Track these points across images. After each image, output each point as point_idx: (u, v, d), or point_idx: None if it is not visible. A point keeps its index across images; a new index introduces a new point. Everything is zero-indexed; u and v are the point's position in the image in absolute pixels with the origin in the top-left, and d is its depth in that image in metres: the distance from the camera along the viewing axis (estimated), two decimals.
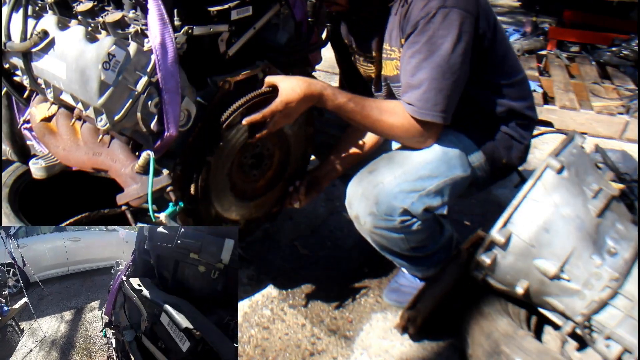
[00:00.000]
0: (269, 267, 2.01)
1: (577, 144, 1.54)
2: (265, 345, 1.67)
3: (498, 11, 6.11)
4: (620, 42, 4.04)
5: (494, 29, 1.52)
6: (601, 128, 3.19)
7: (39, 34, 1.27)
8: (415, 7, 1.42)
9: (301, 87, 1.39)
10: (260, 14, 1.46)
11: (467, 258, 1.54)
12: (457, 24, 1.38)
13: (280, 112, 1.40)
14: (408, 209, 1.47)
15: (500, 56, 1.57)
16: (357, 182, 1.54)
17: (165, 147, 1.34)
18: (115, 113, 1.22)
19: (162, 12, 1.20)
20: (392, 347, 1.67)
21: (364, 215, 1.52)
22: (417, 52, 1.42)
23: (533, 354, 1.36)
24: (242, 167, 1.60)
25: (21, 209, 1.87)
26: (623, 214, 1.50)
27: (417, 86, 1.43)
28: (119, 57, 1.17)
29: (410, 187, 1.47)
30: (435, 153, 1.51)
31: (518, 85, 1.63)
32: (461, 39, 1.39)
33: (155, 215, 1.29)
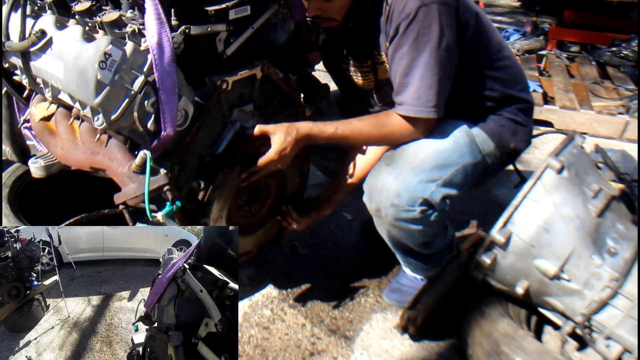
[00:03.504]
0: (269, 267, 2.01)
1: (577, 144, 1.54)
2: (265, 345, 1.66)
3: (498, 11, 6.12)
4: (620, 42, 4.04)
5: (476, 17, 1.53)
6: (601, 128, 3.18)
7: (37, 34, 1.27)
8: (396, 10, 1.44)
9: (291, 135, 1.47)
10: (259, 14, 1.46)
11: (467, 258, 1.54)
12: (438, 19, 1.41)
13: (275, 161, 1.48)
14: (428, 199, 1.48)
15: (484, 43, 1.58)
16: (376, 175, 1.55)
17: (162, 147, 1.34)
18: (112, 112, 1.22)
19: (159, 11, 1.20)
20: (392, 347, 1.67)
21: (385, 207, 1.52)
22: (405, 54, 1.45)
23: (533, 354, 1.36)
24: (241, 208, 1.64)
25: (21, 209, 1.87)
26: (623, 214, 1.49)
27: (408, 85, 1.47)
28: (116, 57, 1.17)
29: (428, 177, 1.49)
30: (446, 142, 1.53)
31: (507, 69, 1.64)
32: (444, 33, 1.42)
33: (153, 215, 1.29)
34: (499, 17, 5.80)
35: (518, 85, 1.67)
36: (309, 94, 1.73)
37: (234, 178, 1.50)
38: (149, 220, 1.29)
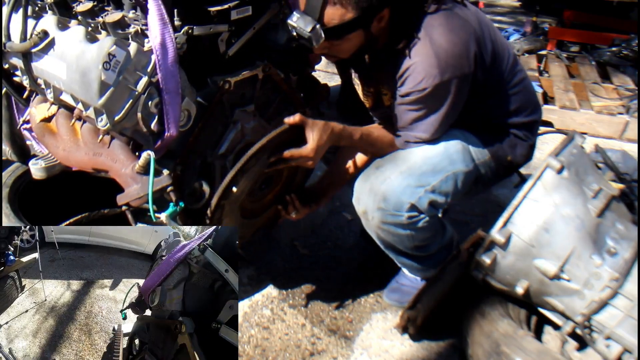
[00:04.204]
0: (269, 267, 2.01)
1: (577, 144, 1.54)
2: (265, 345, 1.67)
3: (498, 11, 6.11)
4: (620, 42, 4.04)
5: (493, 54, 1.50)
6: (601, 128, 3.19)
7: (39, 34, 1.27)
8: (411, 79, 1.42)
9: (327, 133, 1.46)
10: (260, 14, 1.46)
11: (467, 258, 1.54)
12: (454, 91, 1.43)
13: (309, 158, 1.47)
14: (415, 204, 1.48)
15: (497, 76, 1.56)
16: (365, 178, 1.56)
17: (165, 147, 1.34)
18: (116, 113, 1.22)
19: (162, 12, 1.20)
20: (392, 347, 1.67)
21: (372, 210, 1.53)
22: (414, 110, 1.48)
23: (533, 354, 1.36)
24: (252, 192, 1.63)
25: (21, 209, 1.87)
26: (623, 214, 1.50)
27: (412, 130, 1.52)
28: (119, 57, 1.17)
29: (416, 183, 1.49)
30: (438, 149, 1.53)
31: (518, 95, 1.62)
32: (458, 100, 1.46)
33: (156, 216, 1.29)
34: (499, 17, 5.80)
35: (527, 109, 1.65)
36: (309, 94, 1.73)
37: (263, 162, 1.47)
38: (152, 221, 1.30)
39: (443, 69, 1.38)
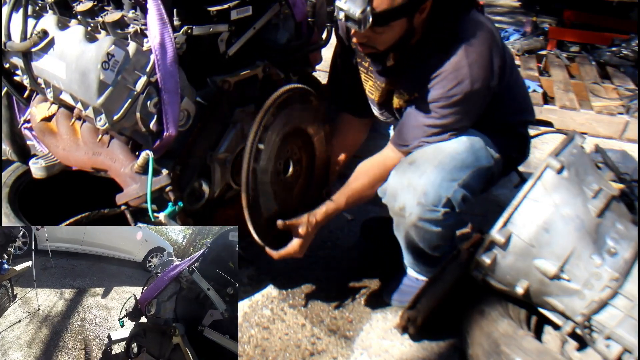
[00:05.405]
0: (269, 267, 2.01)
1: (577, 144, 1.54)
2: (265, 345, 1.67)
3: (498, 11, 6.11)
4: (620, 42, 4.03)
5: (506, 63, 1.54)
6: (601, 128, 3.18)
7: (39, 34, 1.28)
8: (444, 82, 1.45)
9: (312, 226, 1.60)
10: (260, 14, 1.46)
11: (467, 258, 1.54)
12: (478, 104, 1.50)
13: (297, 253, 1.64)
14: (451, 199, 1.49)
15: (505, 82, 1.58)
16: (401, 173, 1.54)
17: (164, 147, 1.34)
18: (115, 113, 1.22)
19: (161, 12, 1.21)
20: (392, 347, 1.67)
21: (411, 205, 1.51)
22: (432, 117, 1.50)
23: (533, 354, 1.36)
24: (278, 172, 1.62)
25: (21, 209, 1.87)
26: (623, 214, 1.50)
27: (425, 136, 1.54)
28: (118, 57, 1.17)
29: (450, 177, 1.49)
30: (464, 144, 1.53)
31: (516, 97, 1.69)
32: (478, 110, 1.52)
33: (155, 215, 1.29)
34: (499, 17, 5.79)
35: (525, 107, 1.73)
36: None
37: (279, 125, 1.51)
38: (151, 221, 1.30)
39: (474, 79, 1.43)
